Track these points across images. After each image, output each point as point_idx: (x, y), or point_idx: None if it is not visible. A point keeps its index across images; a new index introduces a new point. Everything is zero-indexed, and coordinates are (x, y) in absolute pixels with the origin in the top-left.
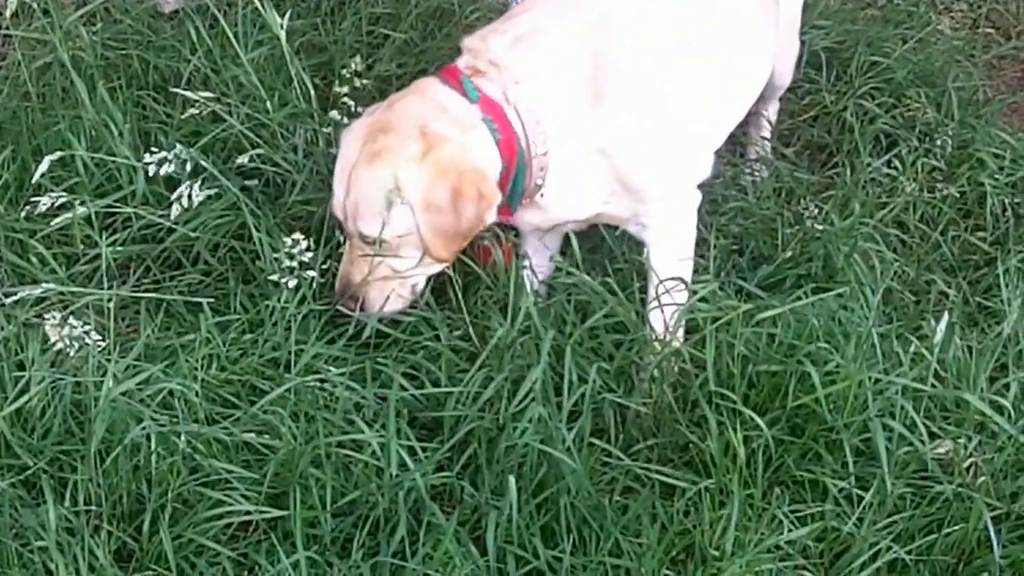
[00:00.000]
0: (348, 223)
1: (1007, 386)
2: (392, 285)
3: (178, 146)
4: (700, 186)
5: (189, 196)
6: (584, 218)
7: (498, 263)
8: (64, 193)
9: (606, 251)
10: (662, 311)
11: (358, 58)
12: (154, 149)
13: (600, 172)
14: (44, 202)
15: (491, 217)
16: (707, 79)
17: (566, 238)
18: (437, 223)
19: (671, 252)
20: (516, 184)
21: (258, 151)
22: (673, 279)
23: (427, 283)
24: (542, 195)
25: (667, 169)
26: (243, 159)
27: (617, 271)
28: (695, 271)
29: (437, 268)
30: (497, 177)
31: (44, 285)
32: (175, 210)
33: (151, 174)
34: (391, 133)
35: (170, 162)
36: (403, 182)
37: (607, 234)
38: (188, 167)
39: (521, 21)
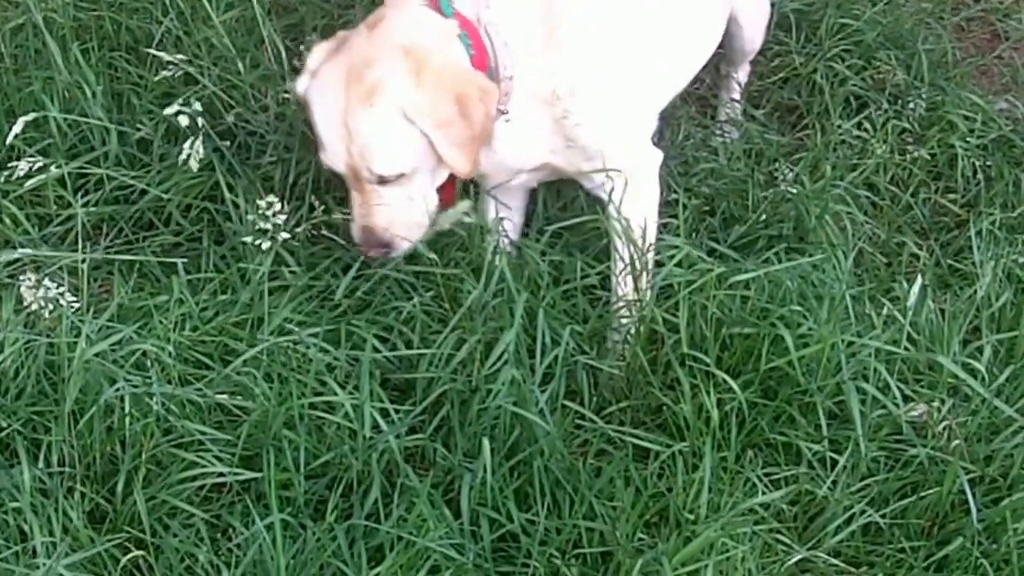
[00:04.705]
0: (361, 171)
1: (980, 349)
2: (411, 216)
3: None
4: (670, 148)
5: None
6: (532, 167)
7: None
8: (37, 155)
9: (577, 209)
10: (628, 274)
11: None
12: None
13: (545, 119)
14: (21, 168)
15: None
16: (655, 41)
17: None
18: (452, 136)
19: (630, 213)
20: None
21: (235, 110)
22: (633, 240)
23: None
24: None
25: (613, 129)
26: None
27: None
28: (667, 232)
29: (443, 177)
30: None
31: (21, 251)
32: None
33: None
34: (375, 64)
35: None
36: (409, 110)
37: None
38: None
39: None
